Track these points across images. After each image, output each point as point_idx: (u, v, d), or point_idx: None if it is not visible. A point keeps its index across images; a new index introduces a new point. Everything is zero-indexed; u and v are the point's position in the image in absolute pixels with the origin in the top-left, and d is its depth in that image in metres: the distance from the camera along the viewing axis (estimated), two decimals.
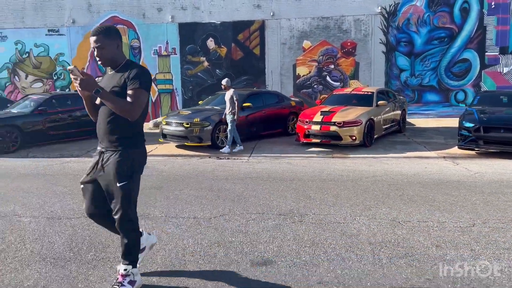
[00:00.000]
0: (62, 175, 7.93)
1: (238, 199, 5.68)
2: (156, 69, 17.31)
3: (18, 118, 10.75)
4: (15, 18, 17.49)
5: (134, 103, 2.97)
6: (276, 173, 7.57)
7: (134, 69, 3.06)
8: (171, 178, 7.32)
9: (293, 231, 4.38)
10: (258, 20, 16.65)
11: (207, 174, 7.63)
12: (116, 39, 3.14)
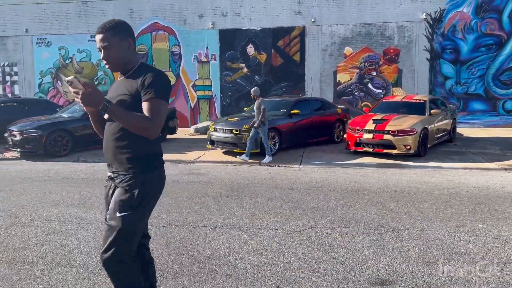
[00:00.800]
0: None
1: (318, 211, 5.51)
2: (196, 75, 17.39)
3: (68, 123, 10.90)
4: (59, 24, 17.91)
5: (153, 117, 2.34)
6: (338, 182, 7.37)
7: (149, 74, 2.44)
8: (235, 186, 7.20)
9: (396, 248, 4.16)
10: (298, 27, 16.54)
11: (268, 182, 7.50)
12: (126, 38, 2.52)
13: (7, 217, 5.47)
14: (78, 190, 7.08)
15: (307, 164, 9.43)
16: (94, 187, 7.29)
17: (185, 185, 7.35)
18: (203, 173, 8.49)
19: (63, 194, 6.79)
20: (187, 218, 5.27)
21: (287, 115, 10.71)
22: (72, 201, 6.33)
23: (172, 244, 4.39)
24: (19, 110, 12.94)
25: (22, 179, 8.04)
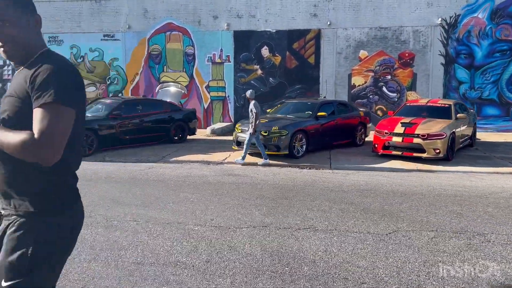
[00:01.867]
0: (165, 180, 7.89)
1: (389, 214, 5.52)
2: (210, 76, 17.36)
3: (94, 122, 10.81)
4: (71, 22, 17.77)
5: (42, 135, 1.58)
6: (385, 186, 7.40)
7: (44, 67, 1.69)
8: (284, 188, 7.17)
9: (495, 252, 4.17)
10: (314, 29, 16.59)
11: (315, 184, 7.49)
12: (26, 12, 1.78)
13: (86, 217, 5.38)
14: (127, 189, 7.04)
15: (338, 167, 9.44)
16: (142, 186, 7.24)
17: (232, 186, 7.32)
18: (239, 174, 8.48)
19: (116, 193, 6.73)
20: (264, 220, 5.26)
21: (313, 117, 10.73)
22: (132, 201, 6.27)
23: (267, 246, 4.36)
24: None
25: None
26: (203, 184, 7.51)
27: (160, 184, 7.54)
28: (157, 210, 5.75)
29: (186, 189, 7.14)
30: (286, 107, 11.80)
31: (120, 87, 17.85)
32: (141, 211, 5.70)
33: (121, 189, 7.04)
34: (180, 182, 7.67)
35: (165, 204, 6.11)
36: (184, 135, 12.78)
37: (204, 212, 5.69)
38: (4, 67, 18.18)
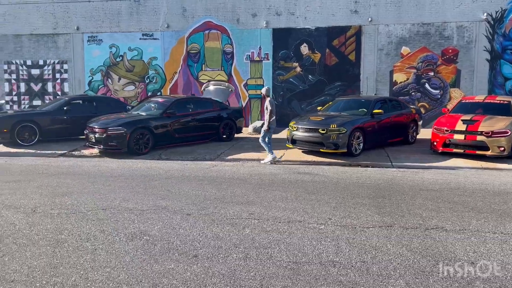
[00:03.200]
0: (244, 178, 7.85)
1: (506, 214, 5.43)
2: (248, 75, 17.33)
3: (149, 121, 10.86)
4: (110, 22, 17.91)
5: None
6: (469, 184, 7.26)
7: None
8: (369, 187, 7.03)
9: None
10: (354, 26, 16.42)
11: (397, 183, 7.37)
12: None
13: (203, 215, 5.39)
14: (213, 187, 7.02)
15: (399, 165, 9.32)
16: (224, 185, 7.22)
17: (316, 185, 7.22)
18: (310, 173, 8.41)
19: (212, 192, 6.69)
20: (383, 219, 5.18)
21: (369, 114, 10.60)
22: (234, 199, 6.25)
23: (410, 246, 4.29)
24: (88, 107, 12.93)
25: (147, 177, 7.95)
26: (285, 182, 7.42)
27: (241, 182, 7.47)
28: (270, 209, 5.68)
29: (273, 187, 7.05)
30: (338, 105, 11.70)
31: (159, 86, 17.93)
32: (254, 209, 5.64)
33: (207, 188, 6.95)
34: (259, 181, 7.59)
35: (269, 202, 6.04)
36: (232, 134, 12.77)
37: (314, 210, 5.61)
38: (44, 66, 18.43)
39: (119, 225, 5.02)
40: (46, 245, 4.42)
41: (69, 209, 5.73)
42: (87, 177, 7.99)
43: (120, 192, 6.68)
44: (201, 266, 3.86)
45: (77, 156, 10.76)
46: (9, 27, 18.42)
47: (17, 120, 11.50)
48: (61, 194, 6.60)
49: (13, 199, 6.26)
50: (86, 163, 9.75)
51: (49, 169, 8.85)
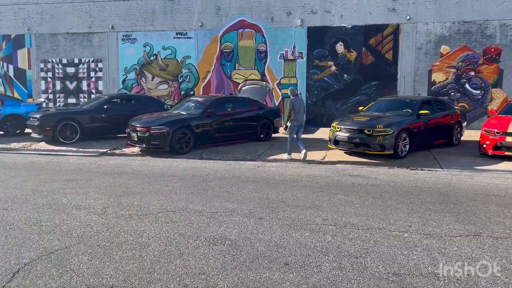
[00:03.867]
0: (295, 180, 7.74)
1: None
2: (281, 74, 17.17)
3: (190, 120, 10.83)
4: (145, 21, 18.01)
5: None
6: None
7: None
8: (432, 191, 6.79)
9: None
10: (392, 24, 16.07)
11: (457, 187, 7.08)
12: None
13: (276, 220, 5.28)
14: (272, 190, 6.89)
15: (450, 168, 9.00)
16: (283, 187, 7.09)
17: (375, 188, 6.99)
18: (362, 175, 8.19)
19: (272, 195, 6.57)
20: (467, 228, 4.95)
21: (415, 115, 10.31)
22: (301, 203, 6.09)
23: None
24: (127, 105, 13.00)
25: (199, 177, 7.90)
26: (341, 185, 7.21)
27: (296, 184, 7.28)
28: (341, 214, 5.50)
29: (332, 190, 6.86)
30: (380, 105, 11.44)
31: (192, 85, 17.95)
32: (325, 214, 5.50)
33: (265, 190, 6.81)
34: (314, 183, 7.40)
35: (337, 207, 5.86)
36: (269, 133, 12.64)
37: (388, 217, 5.40)
38: (80, 65, 18.67)
39: (195, 229, 4.92)
40: (131, 248, 4.35)
41: (138, 211, 5.67)
42: (141, 176, 7.97)
43: (181, 193, 6.61)
44: (297, 275, 3.70)
45: (119, 154, 10.81)
46: (46, 26, 18.74)
47: (59, 118, 11.64)
48: (123, 194, 6.56)
49: (80, 200, 6.24)
50: (132, 161, 9.77)
51: (100, 168, 8.87)
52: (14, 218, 5.37)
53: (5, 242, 4.53)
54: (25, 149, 11.38)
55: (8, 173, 8.24)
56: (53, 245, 4.43)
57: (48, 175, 8.09)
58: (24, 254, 4.18)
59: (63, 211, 5.67)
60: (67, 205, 5.94)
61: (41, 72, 19.05)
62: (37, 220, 5.30)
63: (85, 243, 4.51)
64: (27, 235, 4.73)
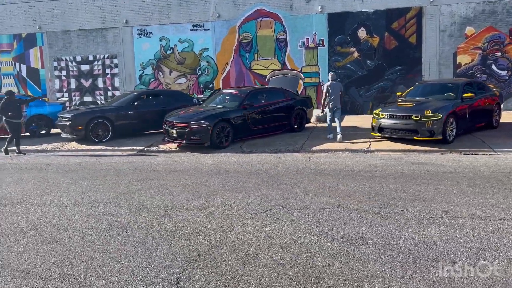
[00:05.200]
0: (363, 171, 7.53)
1: None
2: (303, 62, 16.89)
3: (229, 113, 10.58)
4: (160, 14, 17.62)
5: None
6: None
7: None
8: (509, 175, 6.63)
9: None
10: (415, 7, 15.78)
11: None
12: None
13: (395, 214, 5.07)
14: (354, 182, 6.68)
15: (502, 151, 8.82)
16: (355, 178, 6.90)
17: (450, 176, 6.78)
18: (423, 162, 8.00)
19: (359, 187, 6.37)
20: None
21: (459, 98, 10.10)
22: (397, 194, 5.86)
23: None
24: (156, 101, 12.70)
25: (265, 171, 7.64)
26: (415, 174, 7.00)
27: (368, 174, 7.05)
28: (455, 204, 5.27)
29: (412, 180, 6.60)
30: (418, 90, 11.22)
31: (211, 77, 17.64)
32: (436, 205, 5.28)
33: (349, 183, 6.58)
34: (388, 173, 7.13)
35: (440, 196, 5.61)
36: (303, 124, 12.41)
37: (507, 205, 5.17)
38: (94, 61, 18.29)
39: (320, 227, 4.66)
40: (274, 251, 4.07)
41: (242, 210, 5.40)
42: (206, 173, 7.67)
43: (265, 189, 6.34)
44: (491, 275, 3.47)
45: (158, 151, 10.55)
46: (58, 24, 18.32)
47: (91, 116, 11.35)
48: (210, 192, 6.28)
49: (171, 200, 5.96)
50: (179, 158, 9.52)
51: (156, 166, 8.54)
52: (122, 223, 5.06)
53: (135, 249, 4.27)
54: (59, 150, 11.10)
55: (69, 176, 7.90)
56: (190, 251, 4.15)
57: (112, 176, 7.77)
58: (168, 263, 3.91)
59: (166, 213, 5.40)
60: (165, 207, 5.66)
61: (55, 71, 18.67)
62: (148, 224, 5.02)
63: (221, 247, 4.24)
64: (151, 241, 4.46)
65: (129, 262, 3.97)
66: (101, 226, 5.03)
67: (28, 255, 4.24)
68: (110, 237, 4.65)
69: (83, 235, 4.76)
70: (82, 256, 4.15)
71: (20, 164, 9.33)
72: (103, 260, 4.04)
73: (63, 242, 4.55)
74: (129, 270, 3.80)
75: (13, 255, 4.25)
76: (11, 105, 10.39)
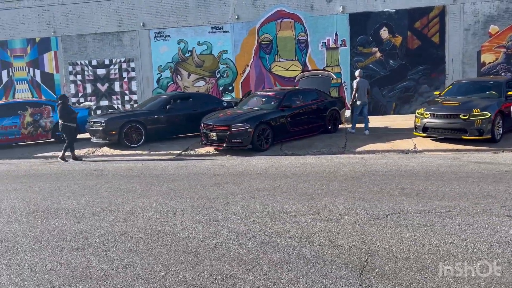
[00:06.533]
0: (430, 172, 7.32)
1: None
2: (324, 63, 16.72)
3: (268, 115, 10.35)
4: (178, 17, 17.38)
5: None
6: None
7: None
8: None
9: None
10: (438, 6, 15.70)
11: None
12: None
13: None
14: (442, 184, 6.49)
15: None
16: (437, 179, 6.68)
17: None
18: (488, 162, 7.83)
19: (460, 189, 6.17)
20: None
21: (503, 97, 9.97)
22: (502, 195, 5.65)
23: None
24: (186, 104, 12.43)
25: (336, 175, 7.39)
26: (486, 174, 6.84)
27: (444, 176, 6.89)
28: None
29: (488, 180, 6.46)
30: (456, 88, 11.08)
31: (230, 80, 17.42)
32: None
33: (436, 183, 6.37)
34: (462, 174, 6.96)
35: None
36: (336, 125, 12.22)
37: None
38: (110, 65, 18.00)
39: (461, 231, 4.44)
40: (438, 259, 3.85)
41: (359, 214, 5.13)
42: (270, 177, 7.38)
43: (360, 193, 6.05)
44: None
45: (196, 155, 10.30)
46: (73, 27, 18.01)
47: (125, 121, 11.06)
48: (304, 196, 5.98)
49: (270, 204, 5.70)
50: (228, 161, 9.25)
51: (214, 170, 8.27)
52: (243, 230, 4.78)
53: (284, 258, 3.99)
54: (94, 155, 10.81)
55: (134, 181, 7.55)
56: (347, 260, 3.89)
57: (179, 181, 7.43)
58: (337, 273, 3.65)
59: (280, 219, 5.10)
60: (272, 212, 5.36)
61: (70, 75, 18.34)
62: (273, 231, 4.72)
63: (377, 255, 3.97)
64: (294, 250, 4.18)
65: (293, 273, 3.69)
66: (224, 234, 4.71)
67: (175, 267, 3.95)
68: (246, 246, 4.34)
69: (214, 243, 4.45)
70: (235, 267, 3.86)
71: (72, 171, 9.00)
72: (263, 272, 3.74)
73: (202, 253, 4.22)
74: (301, 282, 3.53)
75: (158, 267, 3.97)
76: (65, 109, 10.12)
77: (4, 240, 4.87)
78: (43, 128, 12.41)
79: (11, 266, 4.15)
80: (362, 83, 11.66)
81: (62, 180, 8.02)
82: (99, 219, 5.48)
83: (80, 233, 4.98)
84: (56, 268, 4.05)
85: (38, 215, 5.78)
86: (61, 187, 7.40)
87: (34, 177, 8.50)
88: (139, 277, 3.75)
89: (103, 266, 4.05)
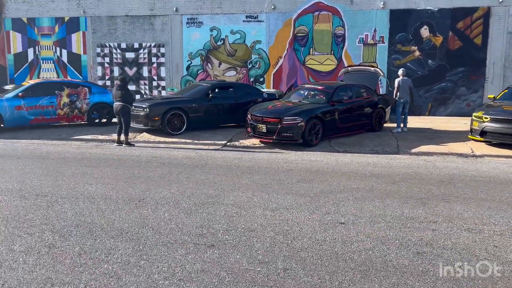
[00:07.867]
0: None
1: None
2: (360, 59, 16.32)
3: (319, 110, 9.99)
4: (212, 3, 16.95)
5: None
6: None
7: None
8: None
9: None
10: (482, 7, 15.27)
11: None
12: None
13: None
14: None
15: None
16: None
17: None
18: None
19: None
20: None
21: None
22: None
23: None
24: (228, 94, 12.06)
25: (415, 176, 7.11)
26: None
27: None
28: None
29: None
30: (511, 92, 10.71)
31: (262, 71, 17.03)
32: None
33: None
34: None
35: None
36: (381, 123, 11.86)
37: None
38: (140, 49, 17.60)
39: None
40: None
41: (494, 224, 4.79)
42: (347, 176, 7.00)
43: (468, 199, 5.70)
44: None
45: (242, 147, 9.96)
46: (103, 8, 17.58)
47: (168, 107, 10.71)
48: (413, 200, 5.63)
49: (380, 207, 5.35)
50: (282, 155, 8.87)
51: (277, 164, 7.88)
52: (389, 237, 4.43)
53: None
54: (134, 141, 10.46)
55: (204, 172, 7.19)
56: None
57: (254, 174, 7.03)
58: None
59: (411, 225, 4.73)
60: (393, 216, 5.02)
61: (98, 57, 17.95)
62: (416, 239, 4.38)
63: None
64: (450, 261, 3.89)
65: None
66: (365, 239, 4.33)
67: (344, 276, 3.63)
68: (403, 256, 3.96)
69: (365, 251, 4.08)
70: (411, 280, 3.54)
71: (132, 157, 8.60)
72: None
73: (360, 262, 3.84)
74: None
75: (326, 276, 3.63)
76: (127, 91, 9.71)
77: (124, 232, 4.52)
78: (79, 110, 12.06)
79: (154, 263, 3.78)
80: (404, 81, 11.73)
81: (128, 166, 7.65)
82: (209, 212, 5.10)
83: (203, 228, 4.60)
84: (206, 268, 3.69)
85: (137, 204, 5.41)
86: (135, 173, 7.04)
87: (95, 161, 8.14)
88: None
89: (259, 269, 3.67)
